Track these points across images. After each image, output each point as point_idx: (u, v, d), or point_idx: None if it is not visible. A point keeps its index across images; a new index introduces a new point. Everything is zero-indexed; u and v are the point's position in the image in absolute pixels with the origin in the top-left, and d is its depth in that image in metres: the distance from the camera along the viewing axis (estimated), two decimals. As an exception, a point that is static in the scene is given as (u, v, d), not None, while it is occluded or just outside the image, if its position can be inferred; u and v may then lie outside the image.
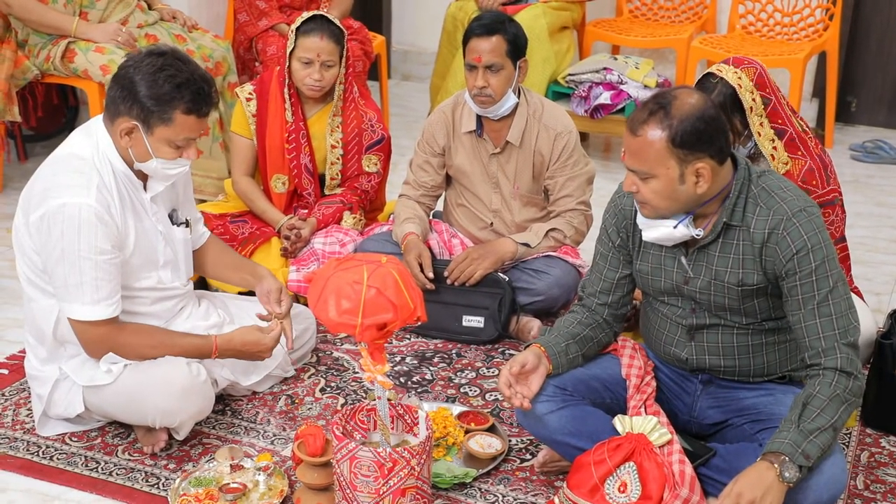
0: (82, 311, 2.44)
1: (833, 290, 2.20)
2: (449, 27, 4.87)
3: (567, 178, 3.26)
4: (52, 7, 3.91)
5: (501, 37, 3.12)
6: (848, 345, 2.20)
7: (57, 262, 2.42)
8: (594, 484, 2.26)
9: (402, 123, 5.28)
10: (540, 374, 2.37)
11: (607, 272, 2.48)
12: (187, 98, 2.41)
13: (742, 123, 2.72)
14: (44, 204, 2.42)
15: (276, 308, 2.71)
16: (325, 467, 2.38)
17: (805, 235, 2.19)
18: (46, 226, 2.42)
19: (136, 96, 2.40)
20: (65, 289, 2.44)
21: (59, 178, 2.45)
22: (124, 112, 2.42)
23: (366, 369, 2.26)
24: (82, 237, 2.40)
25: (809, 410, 2.15)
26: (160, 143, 2.45)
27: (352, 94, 3.50)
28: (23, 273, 2.56)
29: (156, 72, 2.39)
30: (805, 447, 2.11)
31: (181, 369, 2.51)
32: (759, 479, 2.08)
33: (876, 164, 4.98)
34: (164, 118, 2.41)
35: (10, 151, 4.49)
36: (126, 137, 2.44)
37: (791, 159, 2.74)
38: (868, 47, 5.34)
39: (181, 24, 4.25)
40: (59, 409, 2.59)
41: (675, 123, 2.14)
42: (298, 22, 3.38)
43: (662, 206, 2.23)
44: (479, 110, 3.21)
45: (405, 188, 3.41)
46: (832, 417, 2.15)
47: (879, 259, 3.93)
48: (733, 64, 2.73)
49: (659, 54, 5.43)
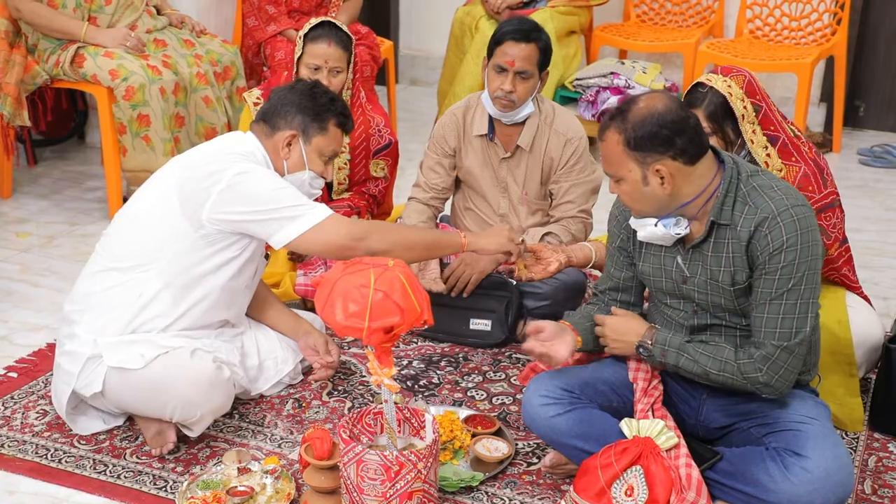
0: (313, 216, 2.55)
1: (790, 290, 2.22)
2: (456, 32, 4.88)
3: (572, 184, 3.27)
4: (61, 12, 3.93)
5: (536, 45, 3.13)
6: (779, 347, 2.24)
7: (259, 212, 2.54)
8: (601, 487, 2.26)
9: (410, 128, 5.30)
10: (566, 343, 2.43)
11: (614, 271, 2.53)
12: (339, 110, 2.73)
13: (734, 132, 2.71)
14: (221, 180, 2.54)
15: (326, 359, 2.88)
16: (332, 471, 2.38)
17: (785, 235, 2.21)
18: (231, 191, 2.54)
19: (298, 107, 2.68)
20: (283, 219, 2.54)
21: (227, 161, 2.59)
22: (285, 125, 2.68)
23: (373, 373, 2.26)
24: (265, 179, 2.57)
25: (705, 346, 2.32)
26: (314, 153, 2.70)
27: (359, 99, 3.51)
28: (115, 254, 2.64)
29: (311, 88, 2.74)
30: (669, 350, 2.33)
31: (208, 364, 2.57)
32: (624, 333, 2.40)
33: (884, 169, 4.98)
34: (322, 127, 2.69)
35: (19, 156, 4.51)
36: (286, 148, 2.68)
37: (785, 166, 2.74)
38: (876, 52, 5.34)
39: (189, 29, 4.27)
40: (81, 385, 2.61)
41: (629, 127, 2.20)
42: (306, 28, 3.39)
43: (637, 207, 2.29)
44: (497, 113, 3.21)
45: (415, 190, 3.41)
46: (710, 367, 2.30)
47: (887, 263, 3.92)
48: (722, 73, 2.74)
49: (666, 59, 5.44)
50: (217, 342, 2.72)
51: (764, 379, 2.25)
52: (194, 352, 2.59)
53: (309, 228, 2.56)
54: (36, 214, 4.21)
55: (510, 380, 3.05)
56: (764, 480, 2.23)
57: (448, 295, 3.19)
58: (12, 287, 3.57)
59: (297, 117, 2.68)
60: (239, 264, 2.67)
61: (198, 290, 2.64)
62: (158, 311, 2.61)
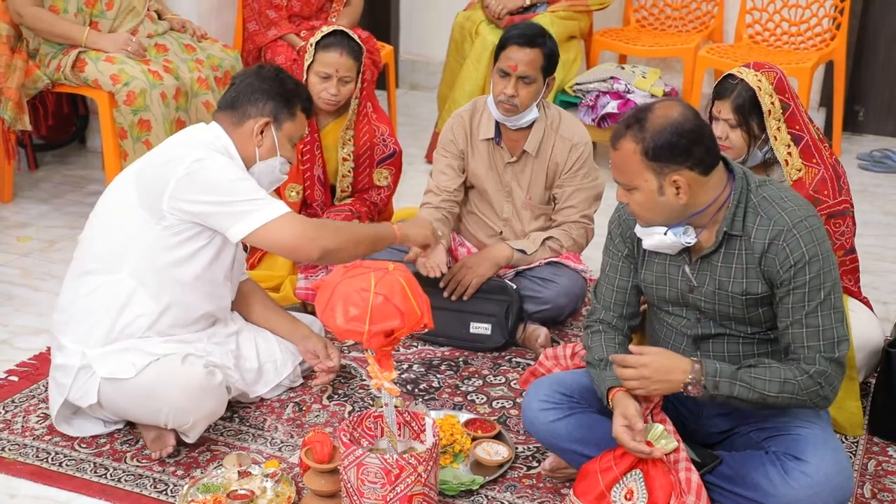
0: (268, 212, 2.52)
1: (824, 301, 2.20)
2: (457, 37, 4.88)
3: (575, 189, 3.27)
4: (62, 17, 3.94)
5: (540, 50, 3.13)
6: (830, 359, 2.21)
7: (215, 203, 2.52)
8: (600, 491, 2.27)
9: (410, 133, 5.30)
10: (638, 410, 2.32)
11: (619, 282, 2.47)
12: (305, 95, 2.75)
13: (759, 126, 2.72)
14: (180, 165, 2.52)
15: (328, 363, 2.87)
16: (333, 474, 2.39)
17: (804, 247, 2.19)
18: (189, 179, 2.51)
19: (268, 94, 2.66)
20: (239, 213, 2.52)
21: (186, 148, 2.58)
22: (256, 112, 2.65)
23: (373, 376, 2.27)
24: (224, 169, 2.55)
25: (758, 370, 2.22)
26: (285, 139, 2.69)
27: (365, 108, 3.51)
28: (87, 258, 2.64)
29: (278, 73, 2.71)
30: (722, 381, 2.20)
31: (199, 370, 2.56)
32: (668, 372, 2.23)
33: (884, 174, 4.98)
34: (292, 113, 2.68)
35: (20, 160, 4.51)
36: (259, 136, 2.65)
37: (805, 166, 2.75)
38: (875, 57, 5.35)
39: (191, 33, 4.27)
40: (76, 397, 2.61)
41: (648, 137, 2.16)
42: (318, 36, 3.38)
43: (648, 216, 2.26)
44: (500, 117, 3.21)
45: (426, 196, 3.38)
46: (768, 390, 2.20)
47: (887, 268, 3.93)
48: (754, 67, 2.74)
49: (666, 64, 5.45)
50: (210, 346, 2.71)
51: (824, 393, 2.22)
52: (185, 358, 2.57)
53: (264, 224, 2.53)
54: (37, 219, 4.22)
55: (510, 384, 3.05)
56: (764, 485, 2.23)
57: (448, 299, 3.19)
58: (13, 291, 3.58)
59: (268, 104, 2.65)
60: (210, 254, 2.63)
61: (173, 285, 2.61)
62: (138, 311, 2.59)
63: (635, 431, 2.24)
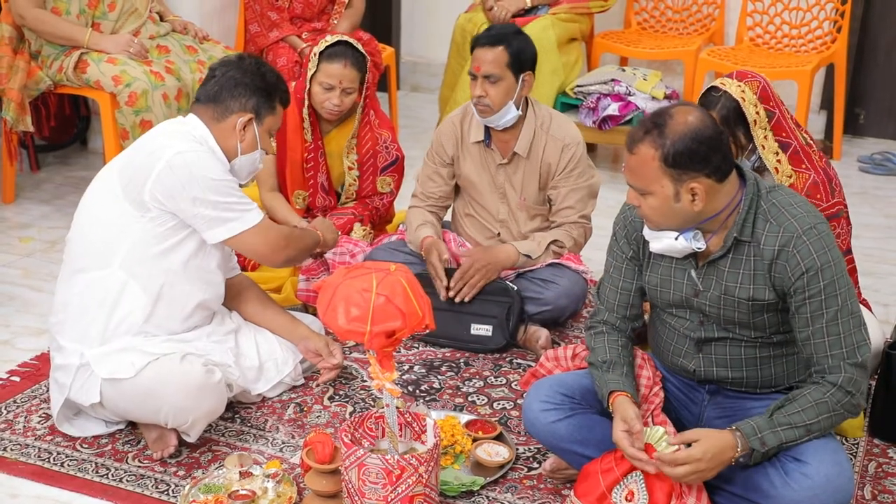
0: (248, 219, 2.61)
1: (842, 308, 2.20)
2: (458, 39, 4.89)
3: (570, 189, 3.27)
4: (65, 18, 3.95)
5: (504, 49, 3.13)
6: (854, 365, 2.20)
7: (194, 201, 2.54)
8: (601, 492, 2.27)
9: (411, 134, 5.31)
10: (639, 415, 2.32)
11: (623, 283, 2.47)
12: (284, 88, 2.73)
13: (746, 136, 2.73)
14: (161, 158, 2.54)
15: (331, 361, 2.87)
16: (334, 474, 2.39)
17: (815, 254, 2.19)
18: (170, 171, 2.53)
19: (251, 89, 2.64)
20: (219, 219, 2.58)
21: (166, 139, 2.60)
22: (239, 107, 2.64)
23: (374, 377, 2.27)
24: (209, 168, 2.56)
25: (790, 406, 2.20)
26: (265, 132, 2.70)
27: (368, 116, 3.51)
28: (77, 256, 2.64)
29: (259, 66, 2.69)
30: (765, 435, 2.17)
31: (198, 369, 2.56)
32: (721, 454, 2.16)
33: (884, 176, 4.98)
34: (272, 107, 2.68)
35: (22, 161, 4.52)
36: (242, 132, 2.65)
37: (795, 172, 2.75)
38: (876, 60, 5.35)
39: (192, 35, 4.28)
40: (78, 395, 2.61)
41: (668, 143, 2.14)
42: (322, 45, 3.38)
43: (660, 221, 2.24)
44: (479, 119, 3.22)
45: (413, 201, 3.41)
46: (808, 419, 2.19)
47: (887, 270, 3.93)
48: (737, 77, 2.75)
49: (667, 66, 5.45)
50: (209, 344, 2.71)
51: (855, 401, 2.21)
52: (184, 357, 2.57)
53: (242, 231, 2.61)
54: (38, 220, 4.22)
55: (511, 385, 3.06)
56: (764, 486, 2.23)
57: (450, 300, 3.20)
58: (15, 292, 3.58)
59: (251, 99, 2.65)
60: (198, 240, 2.64)
61: (164, 275, 2.61)
62: (132, 306, 2.60)
63: (635, 434, 2.24)
